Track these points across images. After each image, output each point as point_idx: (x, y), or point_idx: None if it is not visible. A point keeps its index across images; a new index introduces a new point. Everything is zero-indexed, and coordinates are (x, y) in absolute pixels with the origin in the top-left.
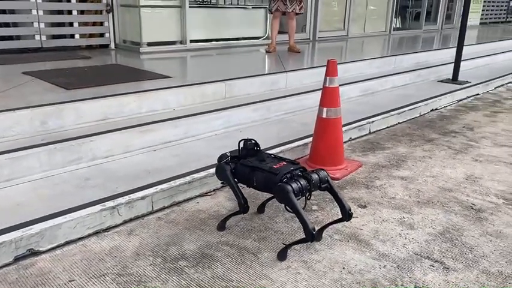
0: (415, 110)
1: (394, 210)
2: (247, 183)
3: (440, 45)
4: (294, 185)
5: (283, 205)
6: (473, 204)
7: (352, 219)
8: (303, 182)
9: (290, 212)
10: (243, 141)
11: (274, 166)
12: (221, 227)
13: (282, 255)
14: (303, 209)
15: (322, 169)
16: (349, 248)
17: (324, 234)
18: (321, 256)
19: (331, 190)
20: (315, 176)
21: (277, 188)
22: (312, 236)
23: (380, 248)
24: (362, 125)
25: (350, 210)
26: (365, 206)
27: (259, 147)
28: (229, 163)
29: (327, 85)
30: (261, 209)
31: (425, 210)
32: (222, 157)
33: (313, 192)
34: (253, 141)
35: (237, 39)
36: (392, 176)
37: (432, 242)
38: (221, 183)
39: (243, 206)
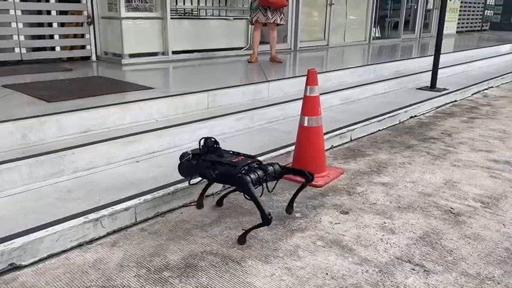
0: (395, 117)
1: (376, 216)
2: (208, 177)
3: (419, 53)
4: (253, 176)
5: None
6: (452, 208)
7: (335, 226)
8: (259, 172)
9: (249, 199)
10: (203, 139)
11: (234, 160)
12: (200, 204)
13: (241, 240)
14: (260, 196)
15: (276, 163)
16: (332, 254)
17: (307, 241)
18: (304, 263)
19: (287, 171)
20: (270, 168)
21: (238, 179)
22: (269, 220)
23: (362, 253)
24: (343, 133)
25: (309, 172)
26: (347, 212)
27: (218, 145)
28: (191, 160)
29: (308, 94)
30: (220, 202)
31: (405, 215)
32: (183, 155)
33: (296, 200)
34: (212, 139)
35: (219, 50)
36: (374, 182)
37: (413, 246)
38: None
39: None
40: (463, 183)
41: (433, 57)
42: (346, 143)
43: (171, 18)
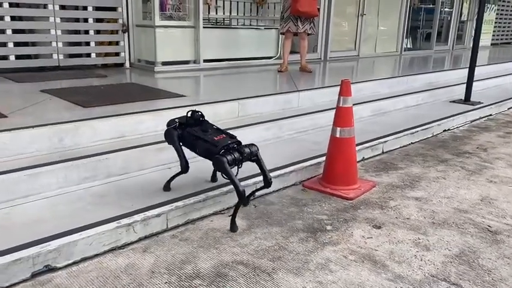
0: (428, 130)
1: (409, 231)
2: (191, 149)
3: (452, 65)
4: (229, 157)
5: (298, 225)
6: (489, 226)
7: (367, 240)
8: (236, 154)
9: (226, 178)
10: (190, 111)
11: (215, 138)
12: (166, 187)
13: (233, 228)
14: (236, 175)
15: (254, 144)
16: (364, 269)
17: (338, 255)
18: (336, 277)
19: (258, 162)
20: (247, 150)
21: (216, 159)
22: (243, 196)
23: (396, 269)
24: (375, 145)
25: (270, 179)
26: (380, 227)
27: (204, 118)
28: (177, 129)
29: (341, 105)
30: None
31: (440, 232)
32: (170, 122)
33: (326, 212)
34: (199, 113)
35: (250, 59)
36: (407, 197)
37: (449, 264)
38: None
39: (185, 167)
40: (501, 200)
41: (467, 69)
42: (378, 155)
43: (204, 27)
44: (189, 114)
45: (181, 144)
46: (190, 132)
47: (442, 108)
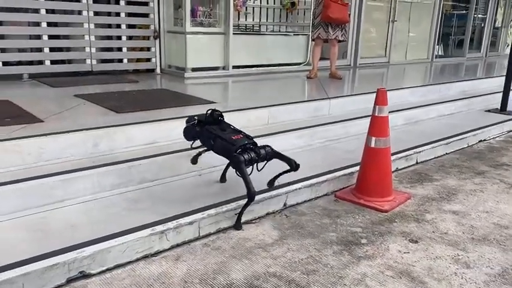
0: (463, 141)
1: (448, 247)
2: (208, 146)
3: (486, 73)
4: (246, 156)
5: (331, 237)
6: None
7: (404, 255)
8: (252, 154)
9: (239, 176)
10: (210, 110)
11: (233, 137)
12: (195, 160)
13: (237, 226)
14: (249, 174)
15: (268, 145)
16: (402, 285)
17: (375, 270)
18: None
19: (276, 155)
20: (262, 151)
21: (233, 158)
22: (253, 197)
23: (435, 287)
24: (409, 155)
25: (295, 162)
26: (416, 241)
27: (223, 117)
28: (196, 126)
29: (376, 114)
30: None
31: (481, 248)
32: (189, 119)
33: (360, 225)
34: (218, 113)
35: (279, 65)
36: (443, 210)
37: (491, 283)
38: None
39: (211, 148)
40: None
41: (503, 77)
42: (412, 165)
43: (233, 33)
44: (208, 113)
45: (198, 140)
46: (208, 130)
47: (477, 118)
